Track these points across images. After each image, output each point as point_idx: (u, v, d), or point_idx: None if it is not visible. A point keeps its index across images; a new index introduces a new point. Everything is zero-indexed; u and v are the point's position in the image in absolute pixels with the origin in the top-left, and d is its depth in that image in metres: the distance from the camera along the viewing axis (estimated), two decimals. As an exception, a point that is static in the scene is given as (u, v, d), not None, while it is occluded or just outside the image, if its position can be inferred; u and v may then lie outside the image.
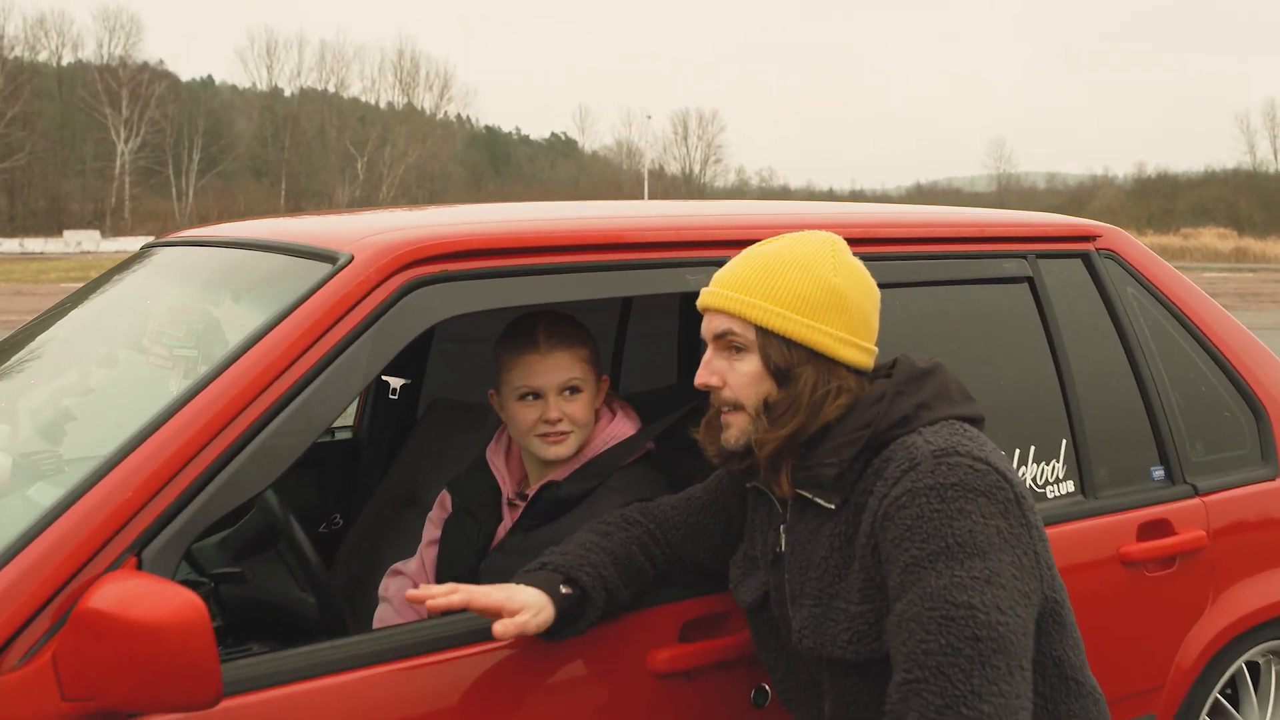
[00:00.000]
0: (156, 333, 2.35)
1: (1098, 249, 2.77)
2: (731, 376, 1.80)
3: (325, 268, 1.93)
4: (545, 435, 2.22)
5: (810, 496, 1.78)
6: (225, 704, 1.64)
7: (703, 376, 1.83)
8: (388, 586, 2.44)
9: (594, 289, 2.11)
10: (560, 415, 2.22)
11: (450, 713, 1.81)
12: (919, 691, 1.55)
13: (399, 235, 1.97)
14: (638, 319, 3.24)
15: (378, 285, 1.90)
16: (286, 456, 1.79)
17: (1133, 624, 2.55)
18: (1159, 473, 2.69)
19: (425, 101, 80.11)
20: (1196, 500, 2.69)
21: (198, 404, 1.74)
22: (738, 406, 1.80)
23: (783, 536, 1.85)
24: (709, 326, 1.83)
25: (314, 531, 3.23)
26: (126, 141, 57.78)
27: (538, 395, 2.23)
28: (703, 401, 2.36)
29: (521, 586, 1.83)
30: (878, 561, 1.68)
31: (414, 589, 2.37)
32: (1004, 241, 2.63)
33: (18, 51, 59.69)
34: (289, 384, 1.79)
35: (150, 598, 1.48)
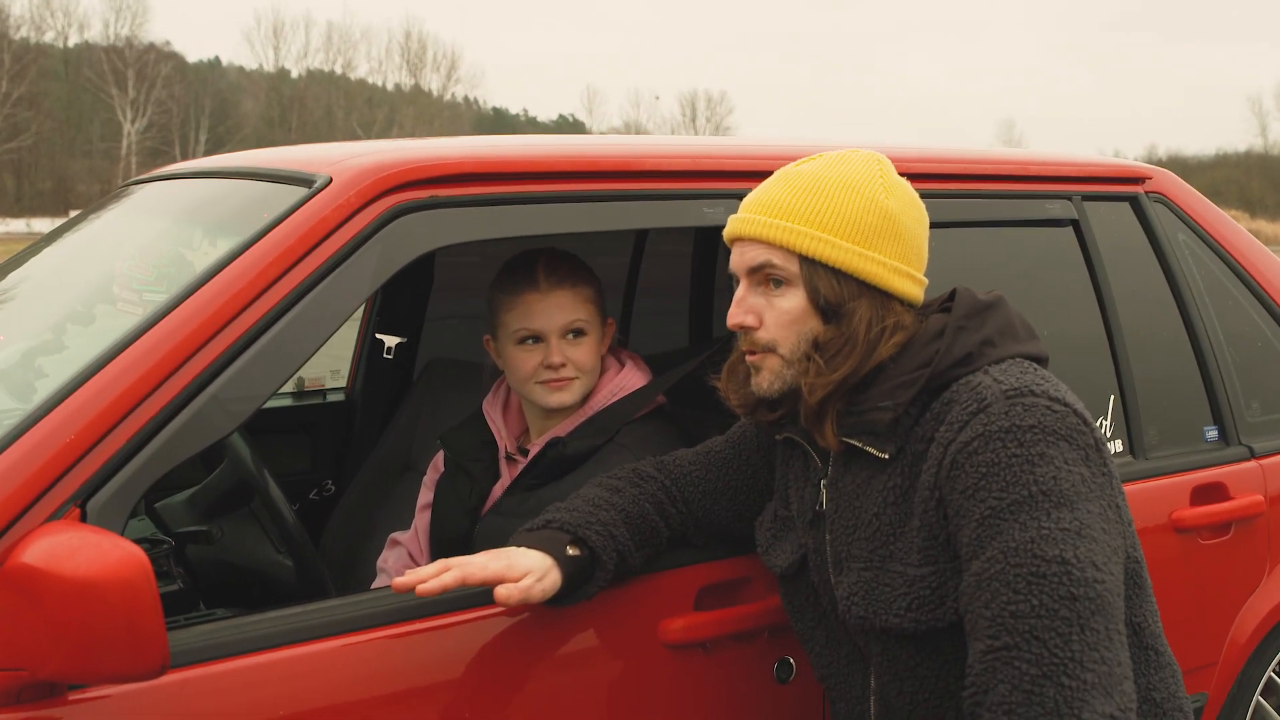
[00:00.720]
0: (125, 276, 2.16)
1: (1147, 192, 2.57)
2: (770, 315, 1.58)
3: (301, 191, 1.73)
4: (547, 382, 2.03)
5: (860, 446, 1.56)
6: (181, 675, 1.45)
7: (736, 316, 1.60)
8: (386, 558, 2.27)
9: (600, 220, 1.91)
10: (563, 359, 2.02)
11: (443, 686, 1.62)
12: (1010, 660, 1.33)
13: (383, 157, 1.77)
14: (645, 274, 3.05)
15: (359, 210, 1.70)
16: (254, 399, 1.59)
17: (1186, 596, 2.35)
18: (1213, 433, 2.50)
19: (432, 83, 79.83)
20: (1253, 463, 2.50)
21: (152, 338, 1.54)
22: (772, 349, 1.59)
23: (824, 492, 1.64)
24: (742, 259, 1.61)
25: (305, 498, 3.05)
26: (133, 122, 57.58)
27: (538, 339, 2.03)
28: (718, 351, 2.17)
29: (523, 550, 1.62)
30: (943, 517, 1.47)
31: (410, 563, 2.20)
32: (1048, 181, 2.43)
33: (24, 32, 59.49)
34: (257, 317, 1.59)
35: (86, 551, 1.29)
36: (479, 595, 1.68)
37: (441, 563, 1.56)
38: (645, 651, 1.77)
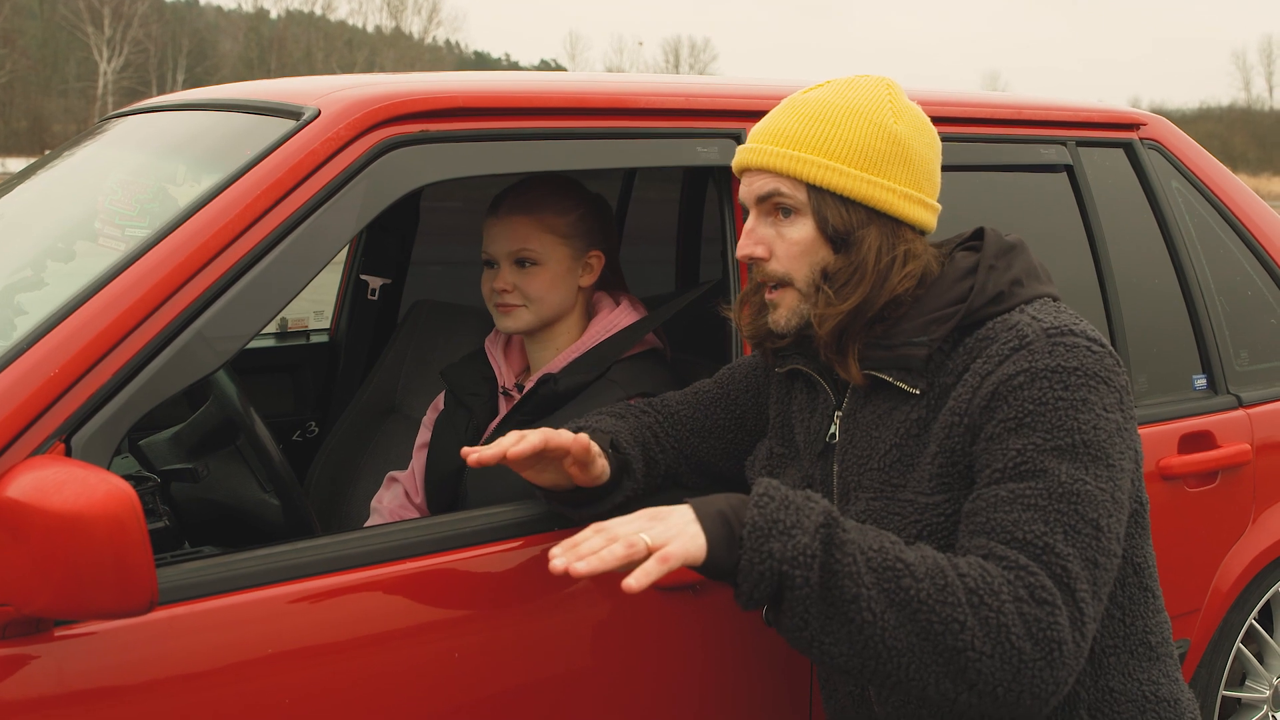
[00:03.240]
0: (107, 211, 2.12)
1: (1142, 138, 2.55)
2: (780, 246, 1.55)
3: (289, 124, 1.70)
4: (497, 306, 2.07)
5: (891, 380, 1.54)
6: (169, 611, 1.44)
7: (745, 247, 1.57)
8: (381, 497, 2.27)
9: (592, 158, 1.88)
10: (507, 285, 2.05)
11: (434, 627, 1.61)
12: (1040, 571, 1.35)
13: (373, 90, 1.74)
14: (630, 221, 3.01)
15: (348, 144, 1.67)
16: (240, 335, 1.56)
17: (1171, 543, 2.36)
18: (1201, 381, 2.50)
19: (413, 26, 78.88)
20: (1240, 412, 2.50)
21: (136, 272, 1.51)
22: (786, 282, 1.56)
23: (836, 424, 1.62)
24: (750, 189, 1.58)
25: (288, 439, 3.03)
26: (109, 61, 56.76)
27: (492, 263, 2.07)
28: (709, 289, 2.15)
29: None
30: (968, 445, 1.45)
31: (405, 501, 2.19)
32: (1042, 126, 2.41)
33: (-3, -33, 58.50)
34: (244, 251, 1.56)
35: (72, 485, 1.26)
36: (472, 535, 1.67)
37: (518, 433, 1.56)
38: (636, 595, 1.76)
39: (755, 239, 1.57)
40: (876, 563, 1.33)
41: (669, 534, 1.33)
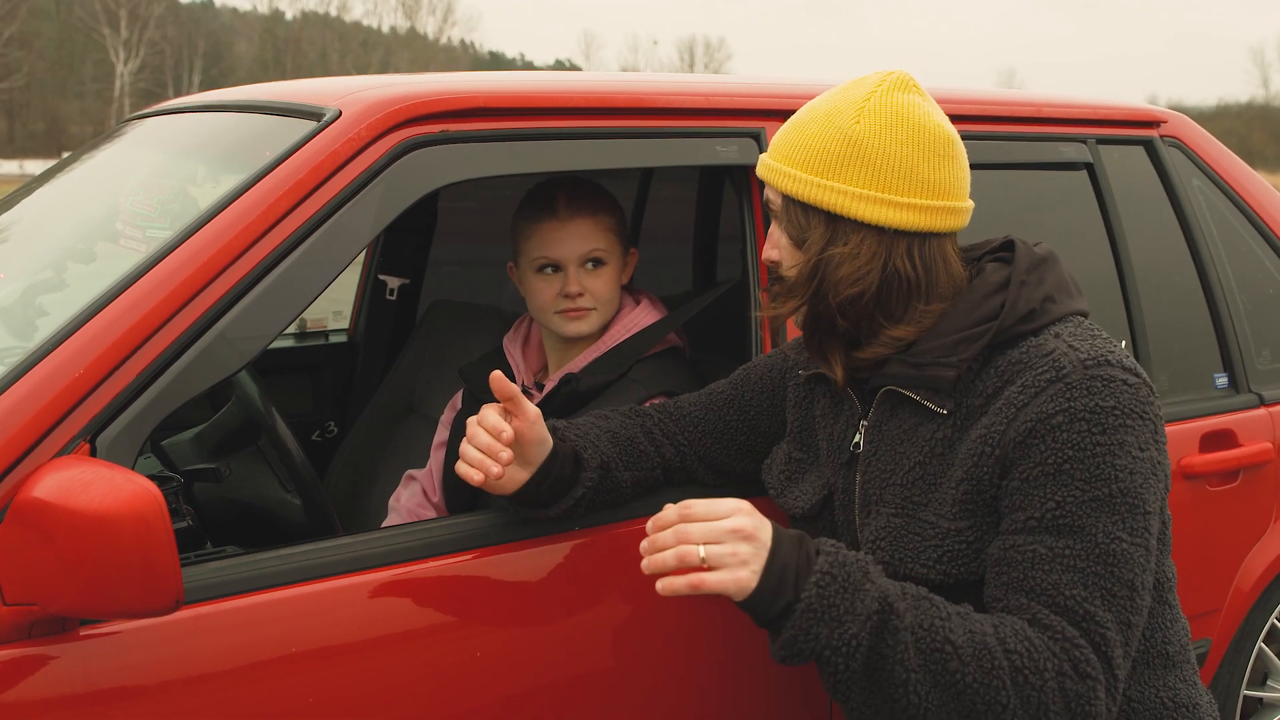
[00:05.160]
0: (129, 213, 2.13)
1: (1162, 136, 2.53)
2: (778, 251, 1.59)
3: (309, 125, 1.70)
4: (565, 311, 2.02)
5: (919, 400, 1.53)
6: (193, 611, 1.44)
7: (764, 251, 1.63)
8: (399, 496, 2.27)
9: (612, 157, 1.88)
10: (580, 289, 2.02)
11: (452, 624, 1.61)
12: (1086, 645, 1.37)
13: (393, 90, 1.74)
14: (648, 220, 3.01)
15: (369, 144, 1.67)
16: (263, 336, 1.56)
17: (1192, 543, 2.35)
18: (1223, 380, 2.49)
19: (428, 26, 79.01)
20: (1262, 410, 2.49)
21: (159, 273, 1.52)
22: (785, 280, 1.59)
23: (862, 434, 1.61)
24: (765, 196, 1.63)
25: (307, 440, 3.04)
26: (126, 63, 57.00)
27: (557, 267, 2.03)
28: (729, 288, 2.15)
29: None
30: (997, 477, 1.45)
31: (424, 500, 2.19)
32: (1062, 124, 2.40)
33: (14, -30, 58.75)
34: (266, 252, 1.57)
35: (98, 485, 1.27)
36: (489, 534, 1.67)
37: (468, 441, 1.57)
38: (655, 592, 1.76)
39: (770, 243, 1.61)
40: (925, 644, 1.34)
41: (724, 561, 1.32)
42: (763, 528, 1.35)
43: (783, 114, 2.02)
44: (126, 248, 2.04)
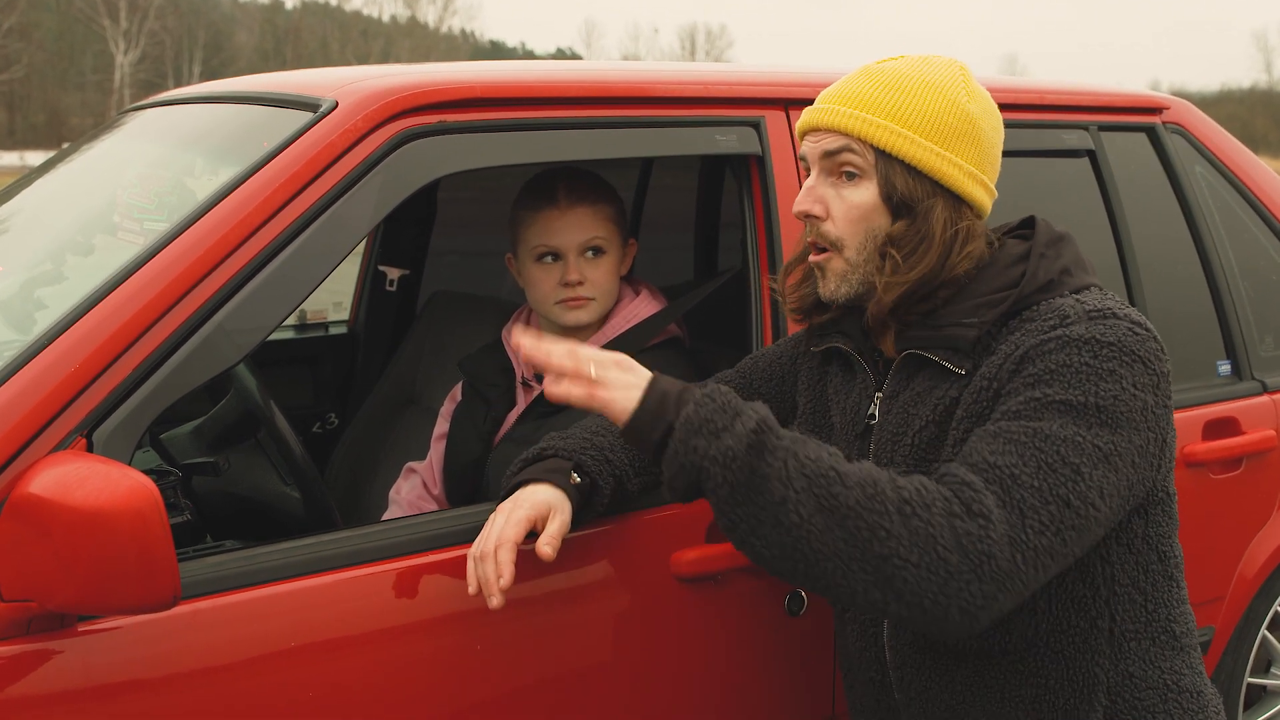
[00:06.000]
0: (126, 205, 2.12)
1: (1164, 123, 2.52)
2: (838, 207, 1.53)
3: (306, 116, 1.69)
4: (565, 300, 2.01)
5: (938, 360, 1.52)
6: (193, 606, 1.44)
7: (803, 204, 1.55)
8: (399, 488, 2.26)
9: (611, 147, 1.87)
10: (580, 277, 2.00)
11: (452, 619, 1.61)
12: (984, 489, 1.34)
13: (390, 81, 1.73)
14: (648, 209, 3.00)
15: (366, 135, 1.66)
16: (261, 328, 1.56)
17: (1195, 530, 2.33)
18: (1225, 367, 2.48)
19: (429, 15, 78.89)
20: (1265, 398, 2.48)
21: (156, 266, 1.51)
22: (838, 247, 1.54)
23: (877, 405, 1.60)
24: (816, 146, 1.55)
25: (308, 432, 3.03)
26: (126, 54, 56.92)
27: (556, 256, 2.01)
28: (729, 277, 2.14)
29: (532, 488, 1.60)
30: (988, 408, 1.44)
31: (424, 491, 2.19)
32: (1065, 111, 2.38)
33: (13, -39, 58.62)
34: (263, 245, 1.56)
35: (95, 481, 1.26)
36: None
37: (481, 552, 1.54)
38: (657, 584, 1.76)
39: (814, 196, 1.55)
40: (810, 469, 1.33)
41: (611, 379, 1.40)
42: (641, 368, 1.44)
43: (782, 103, 2.01)
44: (124, 240, 2.03)
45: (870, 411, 1.60)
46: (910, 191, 1.50)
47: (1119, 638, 1.52)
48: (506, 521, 1.54)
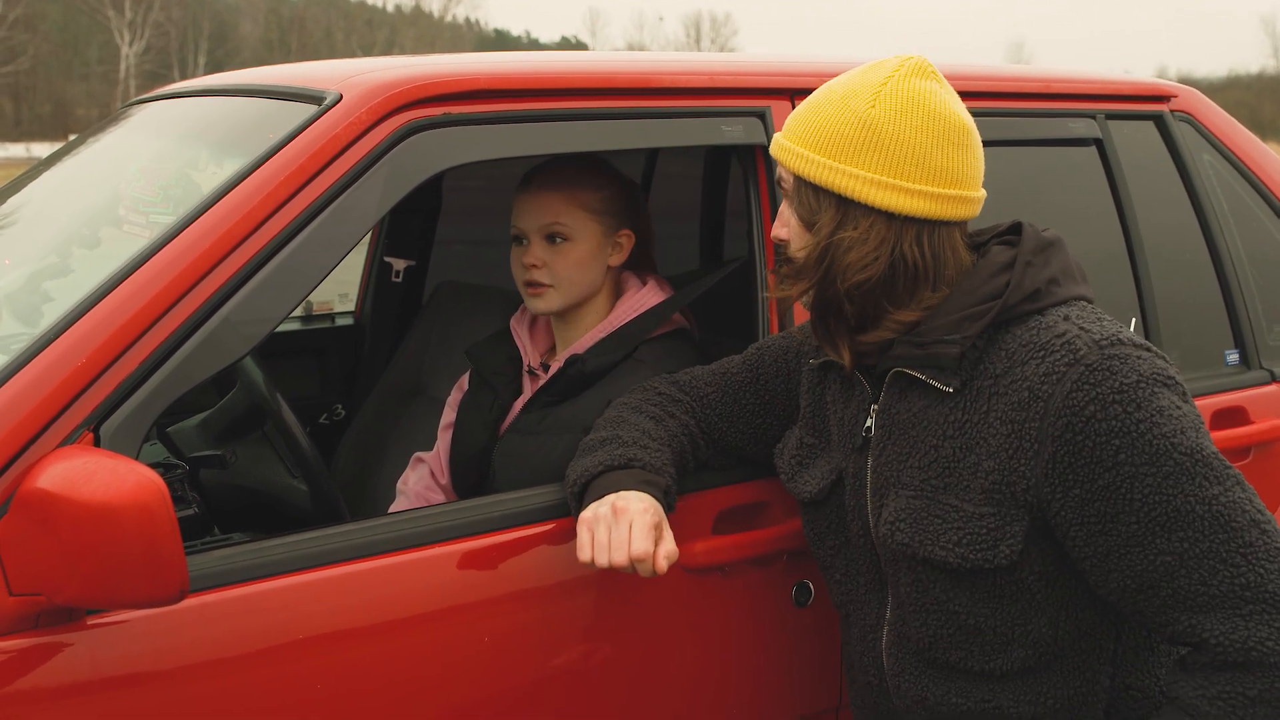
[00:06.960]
0: (131, 198, 2.12)
1: (1172, 110, 2.51)
2: (787, 230, 1.58)
3: (310, 109, 1.69)
4: (524, 284, 2.03)
5: (924, 379, 1.51)
6: (200, 599, 1.44)
7: (774, 227, 1.62)
8: (407, 478, 2.26)
9: (616, 138, 1.87)
10: (536, 262, 2.01)
11: (460, 610, 1.61)
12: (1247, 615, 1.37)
13: (395, 73, 1.72)
14: (655, 197, 2.99)
15: (371, 127, 1.66)
16: (267, 321, 1.56)
17: (1203, 520, 2.34)
18: (1233, 356, 2.47)
19: (433, 4, 78.87)
20: (1274, 387, 2.47)
21: (162, 259, 1.51)
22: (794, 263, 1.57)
23: (873, 418, 1.60)
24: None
25: (315, 423, 3.03)
26: (131, 45, 56.90)
27: (522, 238, 2.03)
28: (736, 267, 2.14)
29: (636, 495, 1.60)
30: (1034, 470, 1.42)
31: (431, 482, 2.19)
32: (1072, 99, 2.37)
33: (18, -48, 58.58)
34: (269, 237, 1.56)
35: (101, 475, 1.26)
36: (499, 520, 1.67)
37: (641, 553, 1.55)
38: (666, 576, 1.76)
39: (780, 221, 1.60)
40: None
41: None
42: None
43: (787, 92, 2.00)
44: (130, 233, 2.03)
45: (867, 425, 1.60)
46: (807, 210, 1.53)
47: (1121, 655, 1.53)
48: (641, 529, 1.56)
